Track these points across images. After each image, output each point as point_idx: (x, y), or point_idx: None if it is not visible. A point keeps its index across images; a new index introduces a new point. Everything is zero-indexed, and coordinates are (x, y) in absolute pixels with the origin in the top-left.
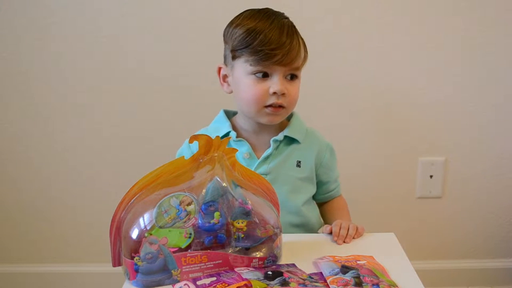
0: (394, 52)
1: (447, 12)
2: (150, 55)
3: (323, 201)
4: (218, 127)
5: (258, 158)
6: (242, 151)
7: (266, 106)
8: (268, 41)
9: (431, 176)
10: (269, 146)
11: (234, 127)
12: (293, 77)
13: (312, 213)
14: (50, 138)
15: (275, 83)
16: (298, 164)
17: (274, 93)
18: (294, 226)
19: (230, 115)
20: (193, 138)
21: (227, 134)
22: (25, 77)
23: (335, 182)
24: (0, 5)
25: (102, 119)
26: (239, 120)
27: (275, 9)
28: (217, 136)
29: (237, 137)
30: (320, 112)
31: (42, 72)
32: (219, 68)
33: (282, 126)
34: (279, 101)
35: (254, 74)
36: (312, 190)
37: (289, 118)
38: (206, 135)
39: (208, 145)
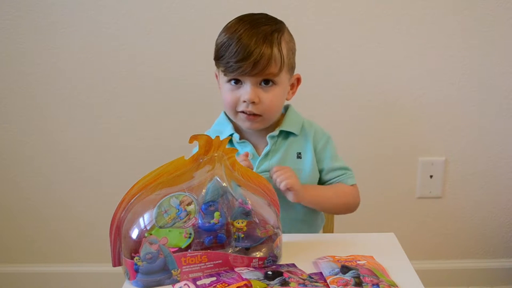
0: (394, 52)
1: (447, 12)
2: (151, 55)
3: None
4: (220, 130)
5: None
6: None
7: (240, 112)
8: (235, 53)
9: (431, 176)
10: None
11: (236, 129)
12: (269, 82)
13: None
14: (50, 138)
15: (246, 91)
16: (299, 156)
17: (245, 101)
18: (298, 221)
19: None
20: (193, 138)
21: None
22: (26, 77)
23: (331, 172)
24: (1, 5)
25: (102, 119)
26: None
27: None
28: (217, 136)
29: (240, 138)
30: (320, 112)
31: (42, 72)
32: (215, 73)
33: (278, 122)
34: (248, 109)
35: (229, 82)
36: (317, 177)
37: (284, 112)
38: (206, 135)
39: (208, 145)
